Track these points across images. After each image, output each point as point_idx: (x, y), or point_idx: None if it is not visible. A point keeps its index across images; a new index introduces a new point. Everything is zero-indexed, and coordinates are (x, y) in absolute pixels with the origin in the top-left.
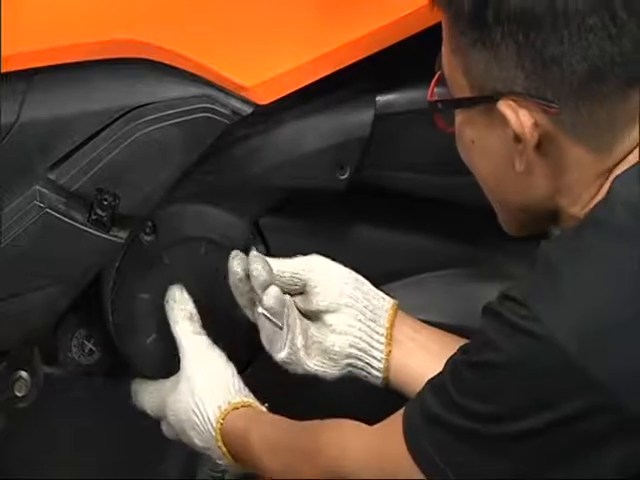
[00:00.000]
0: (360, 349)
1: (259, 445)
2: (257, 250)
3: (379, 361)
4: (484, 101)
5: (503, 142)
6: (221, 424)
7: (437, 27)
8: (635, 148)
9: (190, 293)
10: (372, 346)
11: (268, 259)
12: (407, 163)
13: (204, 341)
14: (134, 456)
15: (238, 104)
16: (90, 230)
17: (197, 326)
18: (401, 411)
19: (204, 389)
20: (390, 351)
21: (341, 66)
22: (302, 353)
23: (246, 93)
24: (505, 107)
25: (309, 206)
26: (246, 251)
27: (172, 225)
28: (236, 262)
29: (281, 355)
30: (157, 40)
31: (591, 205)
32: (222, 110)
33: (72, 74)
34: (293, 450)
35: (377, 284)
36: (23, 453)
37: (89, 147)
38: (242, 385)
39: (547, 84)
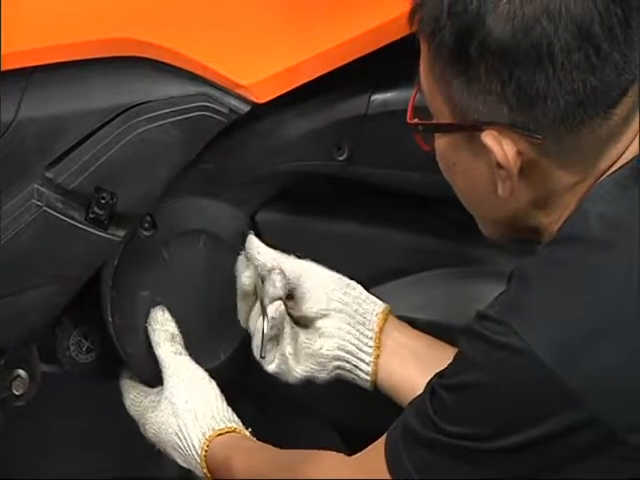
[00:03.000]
0: (348, 352)
1: (242, 474)
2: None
3: (367, 364)
4: (466, 129)
5: (486, 168)
6: (205, 451)
7: None
8: (616, 162)
9: (189, 287)
10: (360, 349)
11: (264, 249)
12: (404, 161)
13: (186, 362)
14: (133, 454)
15: (236, 102)
16: (88, 228)
17: (179, 347)
18: (383, 438)
19: (187, 413)
20: (378, 355)
21: (338, 65)
22: (291, 361)
23: (244, 91)
24: (488, 138)
25: (306, 204)
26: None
27: (171, 219)
28: (247, 275)
29: (272, 367)
30: (155, 39)
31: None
32: (220, 108)
33: (70, 73)
34: None
35: (375, 283)
36: (21, 452)
37: (87, 145)
38: (225, 407)
39: (531, 117)
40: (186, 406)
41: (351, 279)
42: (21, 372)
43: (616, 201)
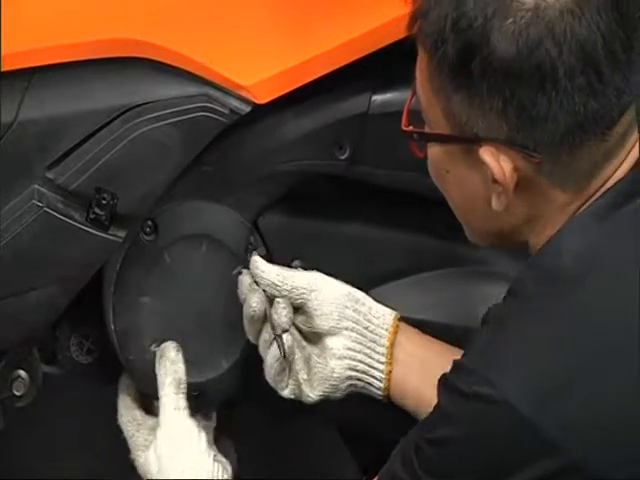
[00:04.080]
0: (361, 371)
1: None
2: (257, 250)
3: (380, 381)
4: (464, 142)
5: (481, 181)
6: None
7: None
8: (606, 182)
9: (190, 293)
10: (372, 367)
11: (269, 267)
12: (405, 162)
13: (183, 420)
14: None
15: (237, 103)
16: (88, 229)
17: (181, 398)
18: None
19: (173, 473)
20: (390, 370)
21: (338, 65)
22: (305, 386)
23: (244, 92)
24: (486, 154)
25: (307, 205)
26: (247, 248)
27: (172, 223)
28: (255, 300)
29: (285, 392)
30: (156, 39)
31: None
32: (220, 109)
33: (71, 73)
34: None
35: (377, 284)
36: (22, 452)
37: (88, 146)
38: (218, 468)
39: (530, 136)
40: (173, 473)
41: (351, 279)
42: (22, 373)
43: (591, 234)
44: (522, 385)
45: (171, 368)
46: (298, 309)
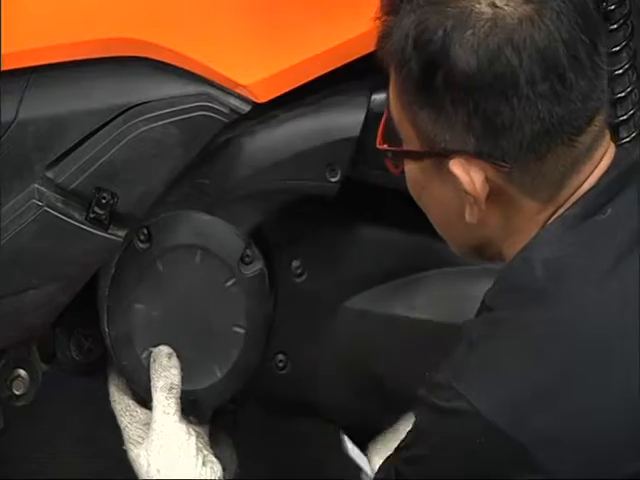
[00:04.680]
0: None
1: None
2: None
3: None
4: (434, 157)
5: (453, 194)
6: None
7: None
8: (576, 191)
9: (182, 302)
10: None
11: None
12: None
13: (173, 424)
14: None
15: (236, 102)
16: (88, 228)
17: (172, 402)
18: None
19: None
20: None
21: (339, 64)
22: None
23: (244, 91)
24: (456, 167)
25: (307, 205)
26: (242, 259)
27: (167, 232)
28: None
29: None
30: (155, 38)
31: None
32: (220, 108)
33: (70, 72)
34: None
35: (377, 284)
36: (22, 452)
37: (87, 145)
38: (206, 473)
39: (497, 146)
40: (158, 475)
41: (352, 279)
42: (21, 372)
43: (561, 244)
44: (495, 398)
45: (163, 373)
46: None
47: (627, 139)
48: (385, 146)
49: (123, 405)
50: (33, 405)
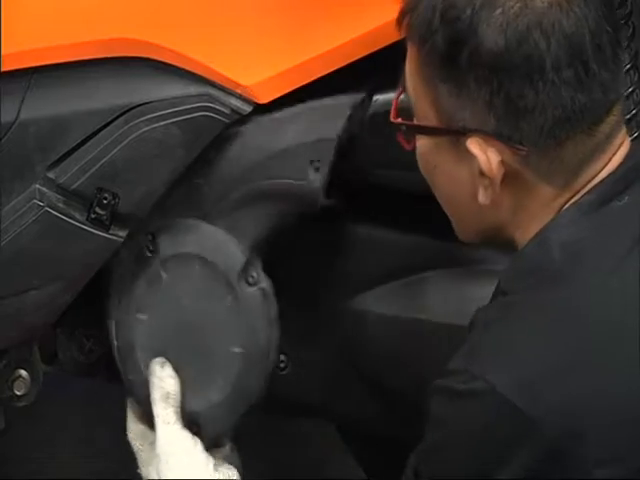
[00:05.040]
0: None
1: None
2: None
3: None
4: (451, 134)
5: (468, 174)
6: None
7: None
8: (593, 179)
9: (183, 314)
10: None
11: None
12: (405, 162)
13: (174, 433)
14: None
15: (238, 103)
16: (90, 229)
17: (171, 412)
18: None
19: None
20: None
21: (340, 65)
22: None
23: (245, 92)
24: (473, 145)
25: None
26: (243, 276)
27: (168, 240)
28: None
29: None
30: (157, 39)
31: None
32: (222, 109)
33: (72, 73)
34: None
35: (377, 284)
36: (22, 452)
37: (89, 146)
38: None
39: (517, 128)
40: None
41: (351, 279)
42: (22, 372)
43: (579, 228)
44: (510, 376)
45: (158, 384)
46: None
47: (630, 139)
48: (400, 120)
49: (137, 430)
50: (34, 405)
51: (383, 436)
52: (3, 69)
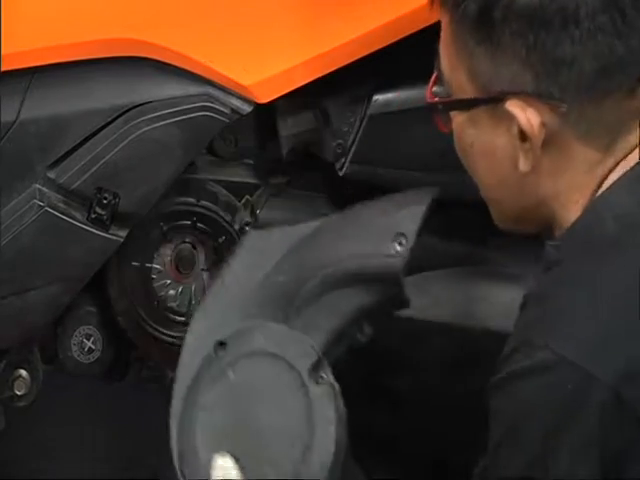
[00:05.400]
0: None
1: None
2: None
3: None
4: (490, 101)
5: (507, 141)
6: None
7: (434, 26)
8: (635, 149)
9: (250, 411)
10: None
11: None
12: (406, 161)
13: None
14: (133, 455)
15: (238, 103)
16: (90, 229)
17: None
18: None
19: None
20: None
21: (340, 65)
22: None
23: (245, 91)
24: (513, 107)
25: (307, 204)
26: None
27: (241, 341)
28: None
29: None
30: (157, 39)
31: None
32: (222, 109)
33: (72, 73)
34: None
35: None
36: (22, 452)
37: (89, 146)
38: None
39: (555, 84)
40: None
41: None
42: (23, 372)
43: (633, 197)
44: (578, 343)
45: (220, 473)
46: None
47: None
48: (436, 99)
49: None
50: (34, 405)
51: (383, 436)
52: (3, 69)
